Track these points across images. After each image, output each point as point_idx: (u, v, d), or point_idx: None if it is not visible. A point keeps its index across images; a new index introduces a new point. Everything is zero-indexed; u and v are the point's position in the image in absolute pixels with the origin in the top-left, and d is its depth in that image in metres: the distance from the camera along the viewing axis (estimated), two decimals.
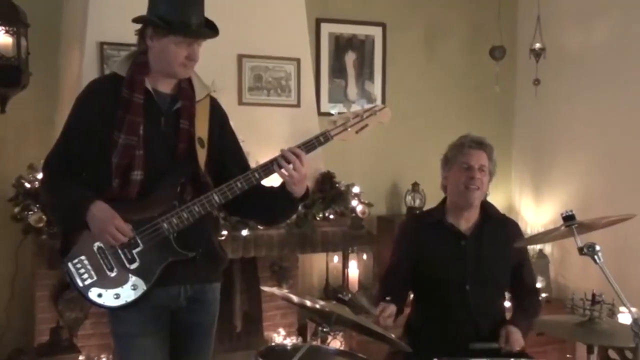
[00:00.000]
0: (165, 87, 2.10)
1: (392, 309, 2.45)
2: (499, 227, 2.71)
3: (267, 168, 2.05)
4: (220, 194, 2.03)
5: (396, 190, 4.64)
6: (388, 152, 4.52)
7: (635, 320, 1.98)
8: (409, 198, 4.48)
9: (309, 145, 2.07)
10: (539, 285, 4.28)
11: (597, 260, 2.07)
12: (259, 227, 3.52)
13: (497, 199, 4.54)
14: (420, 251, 2.66)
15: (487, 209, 2.71)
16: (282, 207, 2.19)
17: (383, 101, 4.56)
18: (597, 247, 2.07)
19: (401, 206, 4.59)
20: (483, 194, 2.68)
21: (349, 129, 2.11)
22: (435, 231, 2.67)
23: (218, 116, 2.21)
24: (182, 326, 2.17)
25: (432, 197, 2.90)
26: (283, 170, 2.03)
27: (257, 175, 2.05)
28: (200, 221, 2.05)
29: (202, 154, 2.10)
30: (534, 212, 4.82)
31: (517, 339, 2.48)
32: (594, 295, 2.44)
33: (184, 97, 2.10)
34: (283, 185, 2.09)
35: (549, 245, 4.59)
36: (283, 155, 2.04)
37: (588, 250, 2.07)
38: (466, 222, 2.67)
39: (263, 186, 2.12)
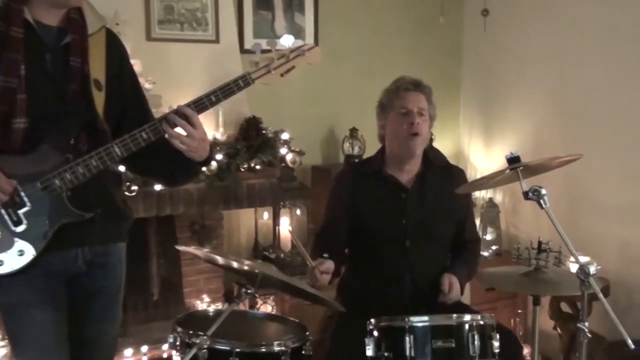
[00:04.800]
0: (50, 19, 2.01)
1: (329, 264, 2.50)
2: (443, 176, 2.76)
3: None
4: (122, 146, 1.97)
5: (332, 136, 4.67)
6: (323, 94, 4.52)
7: (581, 267, 2.10)
8: (346, 145, 4.51)
9: (227, 90, 2.03)
10: (488, 237, 4.46)
11: (543, 205, 2.15)
12: None
13: (444, 144, 4.63)
14: (357, 204, 2.70)
15: (429, 156, 2.75)
16: (181, 171, 2.17)
17: (316, 37, 4.54)
18: (543, 191, 2.15)
19: (338, 154, 4.62)
20: (425, 142, 2.72)
21: (273, 72, 2.08)
22: (373, 182, 2.71)
23: (116, 53, 2.14)
24: (83, 292, 2.13)
25: (373, 144, 2.93)
26: (174, 139, 1.97)
27: (164, 124, 2.00)
28: (99, 177, 2.00)
29: (99, 98, 2.02)
30: (485, 157, 4.95)
31: (457, 290, 2.59)
32: (539, 244, 2.56)
33: (73, 29, 2.02)
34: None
35: (500, 193, 4.74)
36: (168, 117, 1.97)
37: (533, 195, 2.16)
38: (407, 173, 2.71)
39: (164, 141, 2.04)
